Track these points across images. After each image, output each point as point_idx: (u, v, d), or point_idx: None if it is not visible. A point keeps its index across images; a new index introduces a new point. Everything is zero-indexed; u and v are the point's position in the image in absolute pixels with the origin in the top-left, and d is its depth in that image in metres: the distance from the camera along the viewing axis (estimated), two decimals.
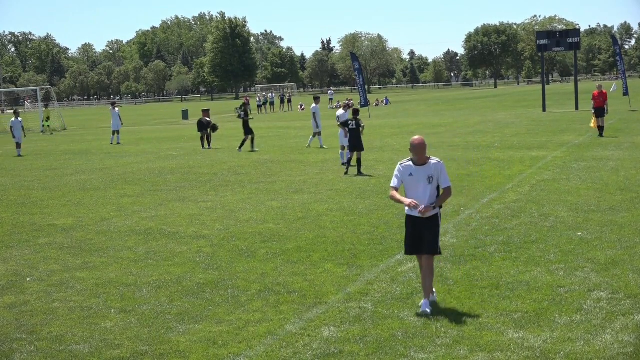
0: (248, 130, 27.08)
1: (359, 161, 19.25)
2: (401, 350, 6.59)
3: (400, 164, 7.87)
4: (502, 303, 7.74)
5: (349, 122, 19.86)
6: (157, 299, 8.55)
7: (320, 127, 27.62)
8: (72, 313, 8.15)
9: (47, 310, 8.31)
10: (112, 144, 34.85)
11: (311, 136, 28.18)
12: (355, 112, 19.99)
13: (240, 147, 27.24)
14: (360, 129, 19.43)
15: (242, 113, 27.70)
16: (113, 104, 38.39)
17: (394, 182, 7.88)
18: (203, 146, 29.75)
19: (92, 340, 7.25)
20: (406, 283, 8.62)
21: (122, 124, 36.99)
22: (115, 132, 35.66)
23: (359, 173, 18.88)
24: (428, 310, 7.50)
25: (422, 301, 7.66)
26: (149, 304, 8.36)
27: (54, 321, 7.89)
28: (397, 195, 7.77)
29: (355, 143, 19.35)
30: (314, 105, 27.90)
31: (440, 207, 7.88)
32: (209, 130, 30.47)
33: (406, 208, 7.75)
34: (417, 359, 6.42)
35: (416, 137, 7.81)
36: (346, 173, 19.03)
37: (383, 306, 7.83)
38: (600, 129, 26.22)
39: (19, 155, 30.04)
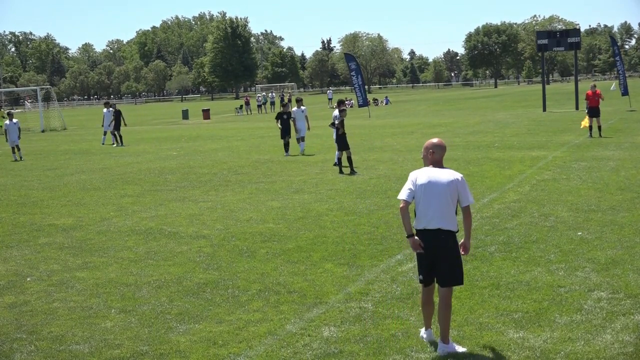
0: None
1: (348, 159, 19.36)
2: (401, 351, 6.58)
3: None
4: (502, 303, 7.73)
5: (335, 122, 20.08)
6: (157, 299, 8.55)
7: (302, 133, 25.41)
8: (72, 313, 8.15)
9: (47, 310, 8.31)
10: (103, 144, 34.50)
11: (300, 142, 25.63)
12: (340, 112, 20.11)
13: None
14: (337, 128, 19.64)
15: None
16: (106, 104, 37.59)
17: None
18: (117, 143, 32.47)
19: (92, 340, 7.25)
20: (406, 283, 8.61)
21: (125, 124, 35.83)
22: (114, 133, 34.82)
23: (352, 171, 19.00)
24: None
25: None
26: (149, 304, 8.36)
27: (54, 321, 7.89)
28: None
29: (338, 142, 19.60)
30: (295, 108, 25.78)
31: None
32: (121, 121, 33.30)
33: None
34: (417, 359, 6.41)
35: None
36: (341, 172, 19.13)
37: (383, 306, 7.83)
38: (598, 128, 26.19)
39: (18, 159, 28.21)
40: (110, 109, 36.38)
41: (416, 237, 6.56)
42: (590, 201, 13.30)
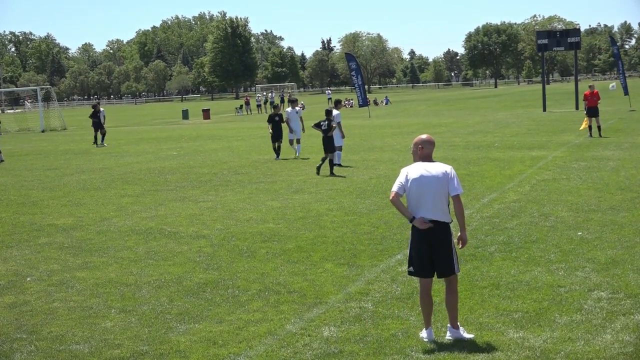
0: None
1: (330, 162, 19.29)
2: (401, 351, 6.58)
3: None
4: (502, 303, 7.73)
5: (321, 123, 19.94)
6: (157, 298, 8.55)
7: (297, 134, 24.22)
8: (72, 313, 8.15)
9: (47, 310, 8.31)
10: (99, 145, 34.47)
11: (295, 144, 24.36)
12: (327, 113, 20.13)
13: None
14: (331, 129, 19.69)
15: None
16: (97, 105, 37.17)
17: None
18: (97, 143, 33.47)
19: (92, 340, 7.25)
20: (406, 283, 8.61)
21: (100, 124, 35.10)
22: (100, 133, 34.50)
23: (331, 174, 18.91)
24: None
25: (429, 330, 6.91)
26: (149, 303, 8.36)
27: (54, 321, 7.89)
28: None
29: (325, 144, 19.53)
30: (289, 109, 24.20)
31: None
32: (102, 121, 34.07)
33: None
34: (417, 359, 6.41)
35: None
36: (318, 173, 18.99)
37: (383, 306, 7.83)
38: (597, 128, 26.21)
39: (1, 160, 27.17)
40: (102, 109, 36.15)
41: (420, 217, 6.69)
42: (590, 201, 13.30)
